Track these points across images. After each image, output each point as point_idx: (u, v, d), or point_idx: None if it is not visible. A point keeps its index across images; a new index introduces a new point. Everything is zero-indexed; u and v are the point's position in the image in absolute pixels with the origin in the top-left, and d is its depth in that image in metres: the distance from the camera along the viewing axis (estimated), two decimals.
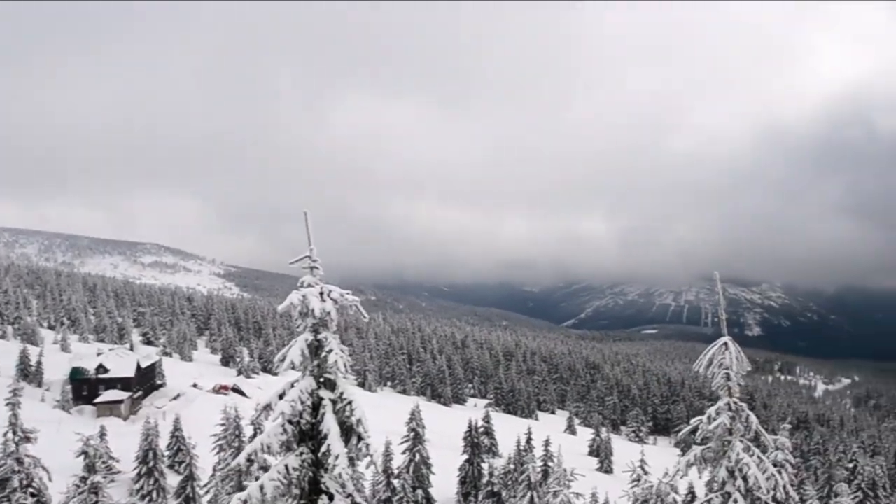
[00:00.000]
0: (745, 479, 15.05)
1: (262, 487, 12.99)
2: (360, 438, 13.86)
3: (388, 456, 58.32)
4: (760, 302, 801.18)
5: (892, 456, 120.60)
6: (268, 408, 13.68)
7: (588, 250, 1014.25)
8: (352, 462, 13.71)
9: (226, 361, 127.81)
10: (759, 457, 15.53)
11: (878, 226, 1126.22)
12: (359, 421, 13.81)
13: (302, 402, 13.49)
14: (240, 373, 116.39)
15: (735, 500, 14.99)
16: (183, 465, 56.15)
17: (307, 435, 13.64)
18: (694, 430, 15.63)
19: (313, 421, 13.61)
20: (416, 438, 64.13)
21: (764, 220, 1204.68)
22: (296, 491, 13.37)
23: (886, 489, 72.11)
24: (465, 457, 70.93)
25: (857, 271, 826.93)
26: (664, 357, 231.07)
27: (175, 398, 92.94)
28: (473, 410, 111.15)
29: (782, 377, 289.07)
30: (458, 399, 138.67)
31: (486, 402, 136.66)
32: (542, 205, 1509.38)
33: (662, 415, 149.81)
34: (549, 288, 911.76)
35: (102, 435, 59.94)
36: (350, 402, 13.80)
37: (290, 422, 13.39)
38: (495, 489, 64.06)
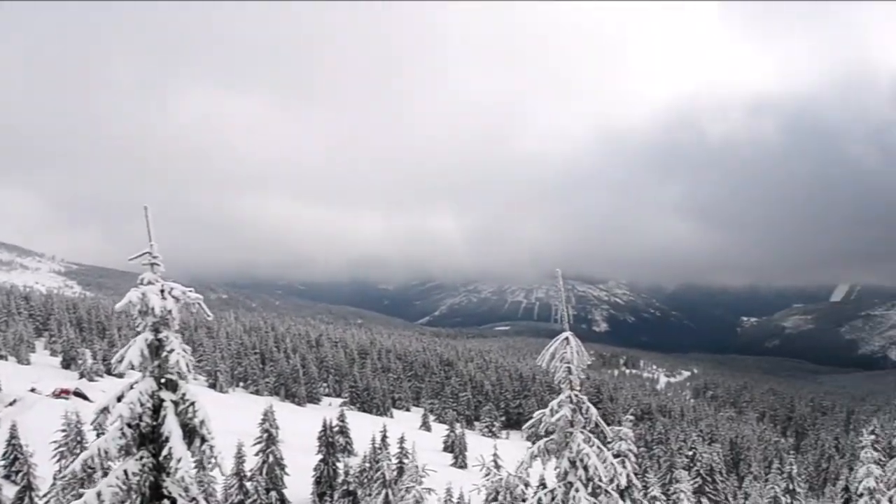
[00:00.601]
0: (585, 468, 15.41)
1: (99, 494, 12.40)
2: (203, 440, 13.47)
3: (240, 458, 56.79)
4: (607, 299, 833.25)
5: (727, 443, 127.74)
6: (105, 411, 13.11)
7: (440, 248, 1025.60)
8: (199, 465, 13.17)
9: (67, 364, 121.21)
10: (598, 447, 15.91)
11: (712, 227, 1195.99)
12: (202, 422, 13.46)
13: (141, 405, 12.96)
14: (82, 376, 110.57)
15: (577, 490, 15.32)
16: (20, 475, 52.99)
17: (148, 438, 13.10)
18: (538, 423, 15.84)
19: (154, 423, 13.10)
20: (269, 439, 62.78)
21: (607, 219, 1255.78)
22: (136, 497, 12.85)
23: (723, 474, 76.32)
24: (320, 457, 70.09)
25: (695, 270, 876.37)
26: (516, 353, 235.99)
27: (10, 404, 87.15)
28: (328, 409, 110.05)
29: (627, 371, 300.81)
30: (313, 398, 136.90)
31: (341, 400, 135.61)
32: (394, 203, 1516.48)
33: (515, 409, 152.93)
34: (404, 286, 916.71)
35: None
36: (192, 404, 13.43)
37: (128, 425, 12.85)
38: (351, 488, 63.66)
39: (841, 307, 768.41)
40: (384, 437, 75.37)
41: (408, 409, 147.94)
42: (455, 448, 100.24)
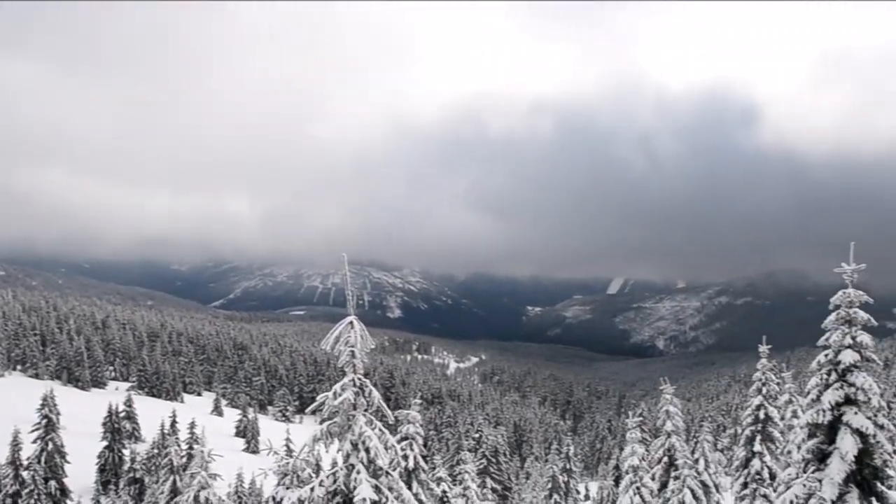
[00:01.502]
0: (367, 450, 15.60)
1: None
2: None
3: (16, 445, 53.28)
4: (402, 286, 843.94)
5: (511, 426, 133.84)
6: None
7: (233, 230, 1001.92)
8: None
9: None
10: (381, 430, 16.18)
11: (499, 219, 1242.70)
12: None
13: None
14: None
15: (358, 472, 15.49)
16: None
17: None
18: (321, 406, 15.94)
19: None
20: (48, 425, 59.48)
21: (401, 208, 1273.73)
22: None
23: (507, 455, 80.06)
24: (105, 443, 67.43)
25: (484, 259, 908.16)
26: (311, 337, 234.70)
27: None
28: (115, 394, 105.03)
29: (420, 356, 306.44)
30: (98, 382, 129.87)
31: (128, 385, 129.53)
32: (185, 181, 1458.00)
33: (309, 394, 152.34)
34: (198, 267, 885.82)
35: None
36: None
37: None
38: (137, 475, 61.52)
39: (616, 299, 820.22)
40: (174, 423, 73.21)
41: (199, 394, 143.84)
42: (247, 433, 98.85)
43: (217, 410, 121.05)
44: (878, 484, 21.21)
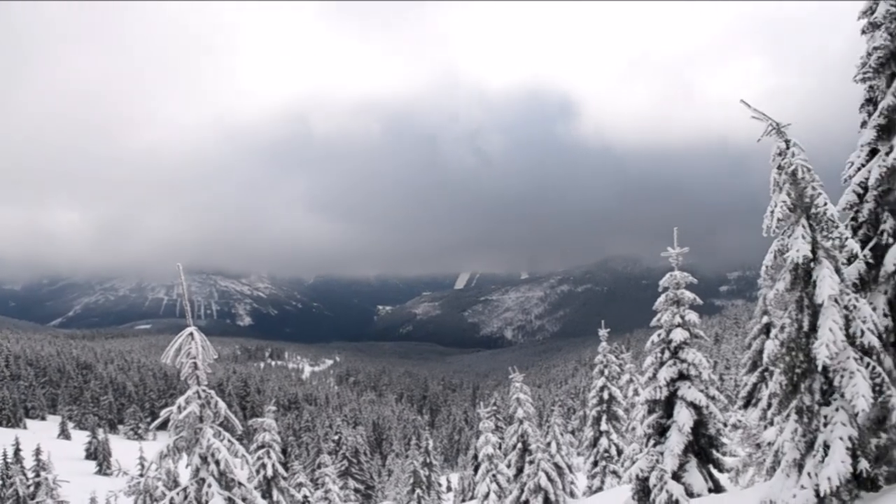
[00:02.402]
0: (217, 463, 15.54)
1: None
2: None
3: None
4: (250, 293, 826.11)
5: (370, 425, 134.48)
6: None
7: (64, 243, 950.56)
8: None
9: None
10: (229, 440, 16.11)
11: (341, 220, 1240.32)
12: None
13: None
14: None
15: (209, 485, 15.44)
16: None
17: None
18: (166, 422, 15.85)
19: None
20: None
21: (240, 213, 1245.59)
22: None
23: (367, 454, 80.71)
24: None
25: (330, 262, 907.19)
26: (159, 351, 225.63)
27: None
28: None
29: (273, 363, 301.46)
30: None
31: None
32: (3, 194, 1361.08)
33: (161, 409, 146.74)
34: (33, 285, 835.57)
35: None
36: None
37: None
38: None
39: (463, 294, 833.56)
40: (17, 451, 69.80)
41: (44, 419, 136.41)
42: (98, 455, 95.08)
43: (64, 434, 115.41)
44: (714, 452, 23.30)
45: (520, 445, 35.00)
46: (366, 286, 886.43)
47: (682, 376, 22.69)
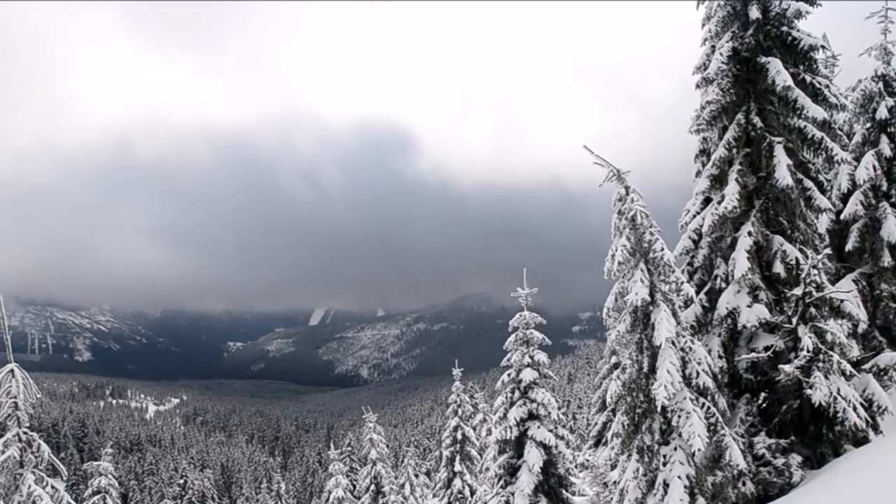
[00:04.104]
0: None
1: None
2: None
3: None
4: (90, 326, 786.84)
5: (219, 468, 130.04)
6: None
7: None
8: None
9: None
10: (53, 487, 15.39)
11: (182, 250, 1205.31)
12: None
13: None
14: None
15: None
16: None
17: None
18: None
19: None
20: None
21: (71, 240, 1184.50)
22: None
23: (215, 499, 77.97)
24: None
25: (175, 295, 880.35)
26: None
27: None
28: None
29: (114, 401, 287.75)
30: None
31: None
32: None
33: None
34: None
35: None
36: None
37: None
38: None
39: (318, 330, 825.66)
40: None
41: None
42: None
43: None
44: (564, 491, 23.75)
45: (373, 487, 34.72)
46: (215, 321, 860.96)
47: (532, 416, 23.09)
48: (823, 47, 16.93)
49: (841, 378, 14.65)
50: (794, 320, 15.30)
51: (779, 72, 16.02)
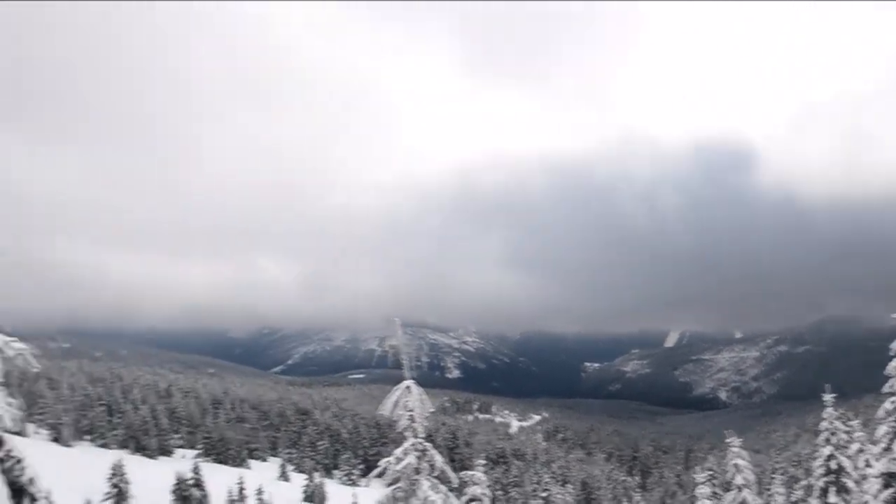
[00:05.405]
0: None
1: None
2: (33, 499, 13.02)
3: None
4: (458, 346, 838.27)
5: (579, 484, 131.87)
6: None
7: (273, 295, 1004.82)
8: None
9: None
10: (445, 493, 16.24)
11: (533, 275, 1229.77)
12: (31, 480, 12.97)
13: None
14: None
15: None
16: None
17: None
18: (384, 472, 16.12)
19: None
20: (119, 495, 60.82)
21: (436, 267, 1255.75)
22: None
23: None
24: None
25: (531, 317, 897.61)
26: (372, 401, 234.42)
27: None
28: (182, 462, 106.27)
29: (481, 416, 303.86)
30: (165, 451, 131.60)
31: (195, 452, 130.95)
32: (209, 248, 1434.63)
33: (373, 457, 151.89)
34: (256, 334, 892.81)
35: None
36: (20, 461, 12.95)
37: None
38: None
39: (674, 352, 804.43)
40: (241, 490, 74.22)
41: (265, 460, 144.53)
42: (315, 498, 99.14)
43: (283, 476, 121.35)
44: None
45: None
46: (571, 342, 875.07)
47: None
48: None
49: None
50: None
51: None
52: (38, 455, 13.05)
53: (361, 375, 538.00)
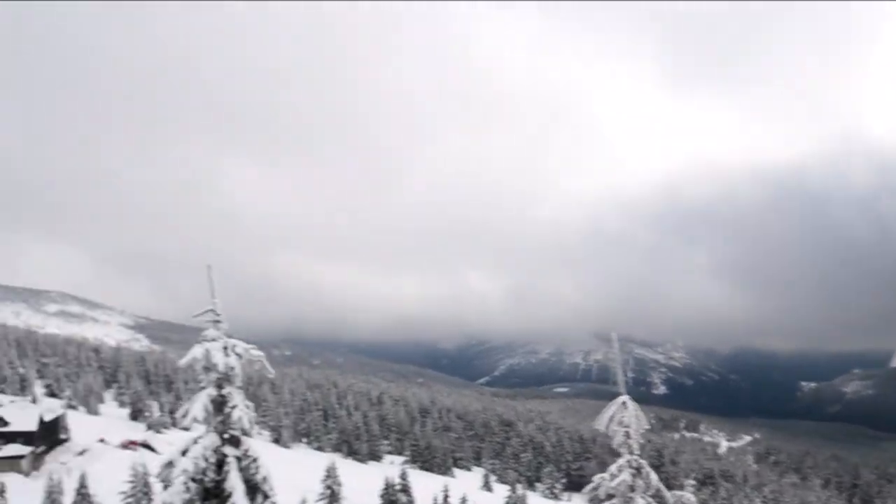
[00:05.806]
0: None
1: None
2: (266, 497, 13.75)
3: None
4: (665, 362, 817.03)
5: None
6: (170, 465, 13.46)
7: (481, 308, 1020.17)
8: None
9: (134, 416, 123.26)
10: None
11: (744, 289, 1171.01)
12: (264, 479, 13.73)
13: (205, 459, 13.34)
14: (149, 427, 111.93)
15: None
16: None
17: (211, 493, 13.38)
18: (598, 488, 15.74)
19: (218, 478, 13.40)
20: (332, 496, 63.38)
21: (641, 281, 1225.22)
22: None
23: None
24: None
25: (743, 333, 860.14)
26: (576, 414, 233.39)
27: (80, 454, 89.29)
28: (390, 467, 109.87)
29: (688, 434, 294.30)
30: (375, 456, 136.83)
31: (402, 458, 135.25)
32: (422, 262, 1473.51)
33: (576, 471, 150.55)
34: (463, 346, 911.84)
35: (2, 492, 57.64)
36: (255, 460, 13.75)
37: (193, 479, 13.15)
38: None
39: None
40: (446, 497, 75.38)
41: (469, 469, 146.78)
42: None
43: (486, 486, 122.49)
44: None
45: None
46: (786, 360, 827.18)
47: None
48: None
49: None
50: None
51: None
52: (261, 455, 13.97)
53: (566, 389, 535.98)
